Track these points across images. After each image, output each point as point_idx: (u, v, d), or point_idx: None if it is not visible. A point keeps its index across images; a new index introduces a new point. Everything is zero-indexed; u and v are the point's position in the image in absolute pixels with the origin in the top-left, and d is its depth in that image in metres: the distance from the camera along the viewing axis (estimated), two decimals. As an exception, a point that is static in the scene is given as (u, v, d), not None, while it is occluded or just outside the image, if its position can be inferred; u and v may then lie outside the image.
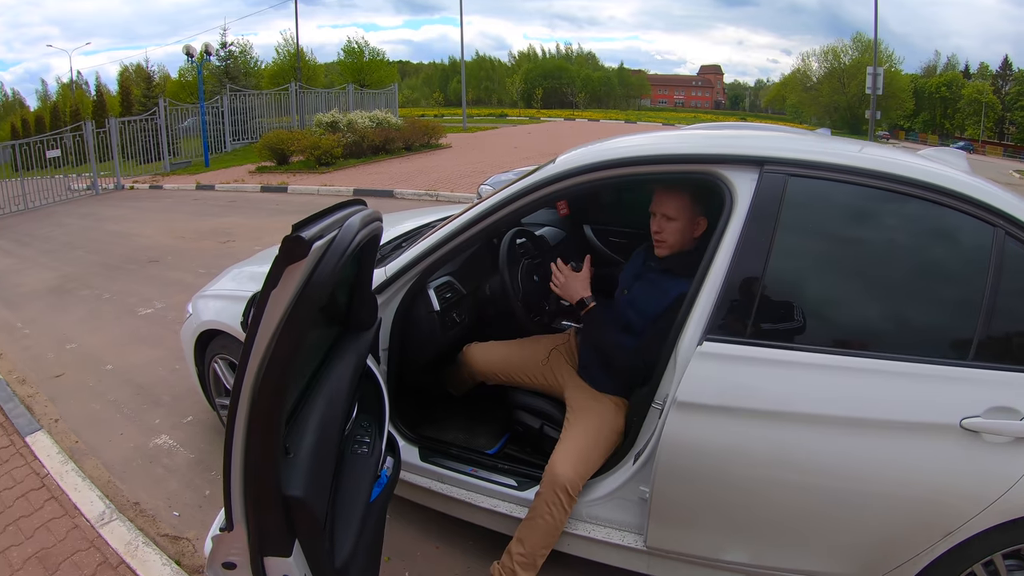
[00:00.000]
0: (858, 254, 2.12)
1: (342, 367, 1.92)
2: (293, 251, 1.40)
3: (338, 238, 1.56)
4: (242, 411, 1.42)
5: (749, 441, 2.03)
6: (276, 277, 1.41)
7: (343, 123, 19.50)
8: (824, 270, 2.14)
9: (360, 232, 1.66)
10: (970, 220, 2.01)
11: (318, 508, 1.58)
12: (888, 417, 1.95)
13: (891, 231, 2.12)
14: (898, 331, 2.06)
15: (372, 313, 2.25)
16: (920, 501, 1.94)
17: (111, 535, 2.91)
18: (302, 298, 1.42)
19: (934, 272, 2.06)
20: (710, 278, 2.14)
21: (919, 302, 2.06)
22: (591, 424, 2.50)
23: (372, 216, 1.85)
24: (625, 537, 2.38)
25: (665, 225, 2.48)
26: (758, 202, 2.12)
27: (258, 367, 1.39)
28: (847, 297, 2.12)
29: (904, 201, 2.05)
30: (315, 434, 1.64)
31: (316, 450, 1.62)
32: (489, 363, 2.94)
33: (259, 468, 1.44)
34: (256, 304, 1.43)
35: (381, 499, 2.07)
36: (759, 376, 2.04)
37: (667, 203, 2.47)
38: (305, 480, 1.53)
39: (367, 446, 2.02)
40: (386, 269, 2.66)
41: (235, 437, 1.43)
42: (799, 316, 2.11)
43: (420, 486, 2.76)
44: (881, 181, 2.07)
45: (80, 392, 4.52)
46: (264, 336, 1.40)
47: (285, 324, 1.40)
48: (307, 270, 1.43)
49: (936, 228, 2.07)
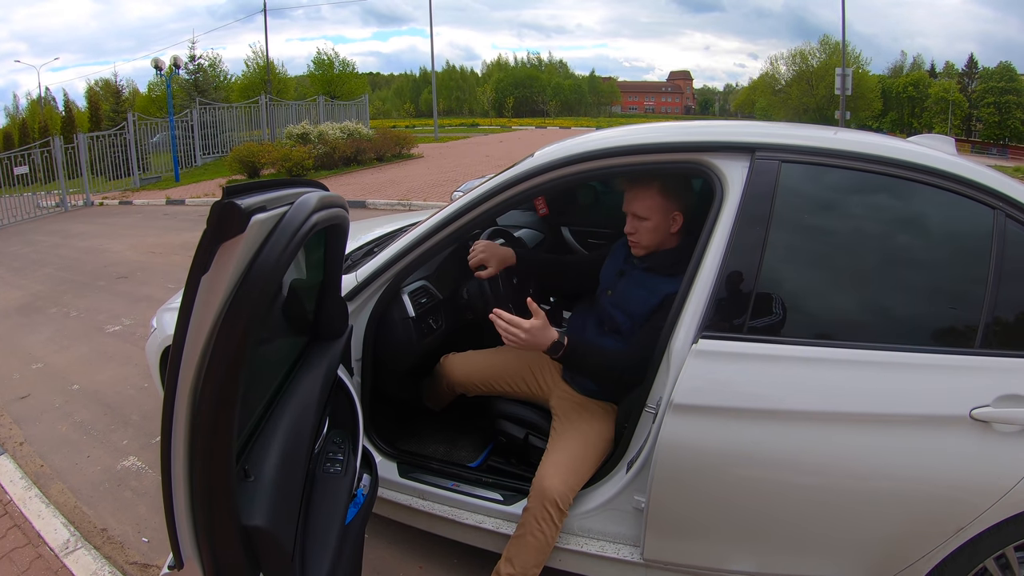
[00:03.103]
0: (857, 241, 2.03)
1: (310, 380, 1.76)
2: (225, 222, 1.14)
3: (289, 215, 1.32)
4: (179, 428, 1.18)
5: (751, 443, 1.92)
6: (207, 257, 1.14)
7: (313, 135, 19.25)
8: (823, 259, 2.04)
9: (317, 213, 1.43)
10: (970, 204, 1.94)
11: (285, 537, 1.38)
12: (897, 411, 1.86)
13: (891, 217, 2.04)
14: (903, 321, 1.97)
15: (342, 321, 2.11)
16: (931, 497, 1.86)
17: (76, 564, 2.76)
18: (247, 288, 1.17)
19: (936, 258, 1.99)
20: (703, 272, 2.02)
21: (922, 290, 1.98)
22: (579, 432, 2.37)
23: (333, 200, 1.65)
24: (620, 550, 2.25)
25: (638, 225, 2.35)
26: (751, 190, 2.01)
27: (195, 373, 1.15)
28: (848, 287, 2.02)
29: (903, 186, 1.98)
30: (280, 454, 1.45)
31: (281, 472, 1.43)
32: (468, 373, 2.77)
33: (210, 495, 1.20)
34: (184, 292, 1.17)
35: (358, 520, 1.91)
36: (759, 374, 1.93)
37: (637, 202, 2.34)
38: (269, 507, 1.34)
39: (340, 464, 1.85)
40: (357, 274, 2.51)
41: (173, 459, 1.20)
42: (800, 308, 2.01)
43: (400, 503, 2.60)
44: (878, 165, 1.99)
45: (46, 413, 4.35)
46: (198, 333, 1.15)
47: (226, 318, 1.15)
48: (249, 250, 1.19)
49: (937, 213, 2.00)
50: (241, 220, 1.14)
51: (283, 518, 1.39)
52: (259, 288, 1.19)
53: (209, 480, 1.19)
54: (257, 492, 1.34)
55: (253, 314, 1.18)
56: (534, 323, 2.21)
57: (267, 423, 1.53)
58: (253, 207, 1.18)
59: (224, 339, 1.15)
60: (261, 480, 1.36)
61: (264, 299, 1.21)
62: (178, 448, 1.19)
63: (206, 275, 1.14)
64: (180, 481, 1.21)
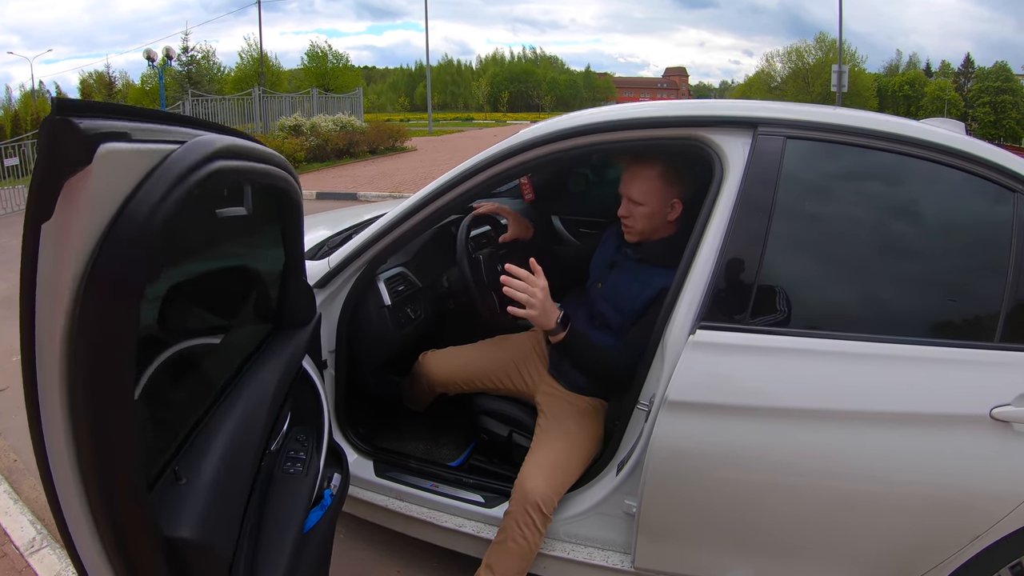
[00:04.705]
0: (869, 225, 1.87)
1: (266, 372, 1.58)
2: (61, 147, 0.82)
3: (178, 153, 1.00)
4: (56, 438, 0.92)
5: (752, 443, 1.76)
6: (45, 197, 0.83)
7: (306, 127, 19.12)
8: (832, 244, 1.88)
9: (225, 161, 1.12)
10: (990, 186, 1.78)
11: (222, 547, 1.20)
12: (912, 409, 1.71)
13: (904, 199, 1.89)
14: (916, 312, 1.82)
15: (307, 308, 1.94)
16: (946, 502, 1.72)
17: (40, 564, 2.62)
18: (115, 246, 0.87)
19: (954, 245, 1.84)
20: (700, 256, 1.86)
21: (938, 278, 1.83)
22: (566, 430, 2.21)
23: (259, 153, 1.37)
24: (609, 557, 2.09)
25: (633, 210, 2.16)
26: (753, 168, 1.84)
27: (62, 361, 0.88)
28: (858, 275, 1.86)
29: (917, 165, 1.82)
30: (222, 454, 1.26)
31: (223, 474, 1.23)
32: (449, 372, 2.59)
33: (116, 501, 0.95)
34: (22, 247, 0.86)
35: (324, 525, 1.75)
36: (763, 368, 1.77)
37: (634, 185, 2.15)
38: (201, 514, 1.13)
39: (302, 463, 1.68)
40: (329, 260, 2.33)
41: (50, 450, 0.94)
42: (808, 298, 1.86)
43: (376, 504, 2.44)
44: (891, 144, 1.82)
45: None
46: (53, 305, 0.86)
47: (89, 287, 0.86)
48: (110, 193, 0.88)
49: (954, 196, 1.86)
50: (80, 146, 0.82)
51: (220, 526, 1.20)
52: (132, 247, 0.89)
53: (111, 485, 0.95)
54: (189, 497, 1.14)
55: (131, 283, 0.89)
56: (545, 285, 2.02)
57: (210, 419, 1.35)
58: (103, 132, 0.86)
59: (91, 316, 0.87)
60: (195, 483, 1.17)
61: (143, 264, 0.91)
62: (61, 462, 0.94)
63: (48, 223, 0.84)
64: (70, 484, 0.95)
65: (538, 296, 1.98)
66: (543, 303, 1.99)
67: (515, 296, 1.98)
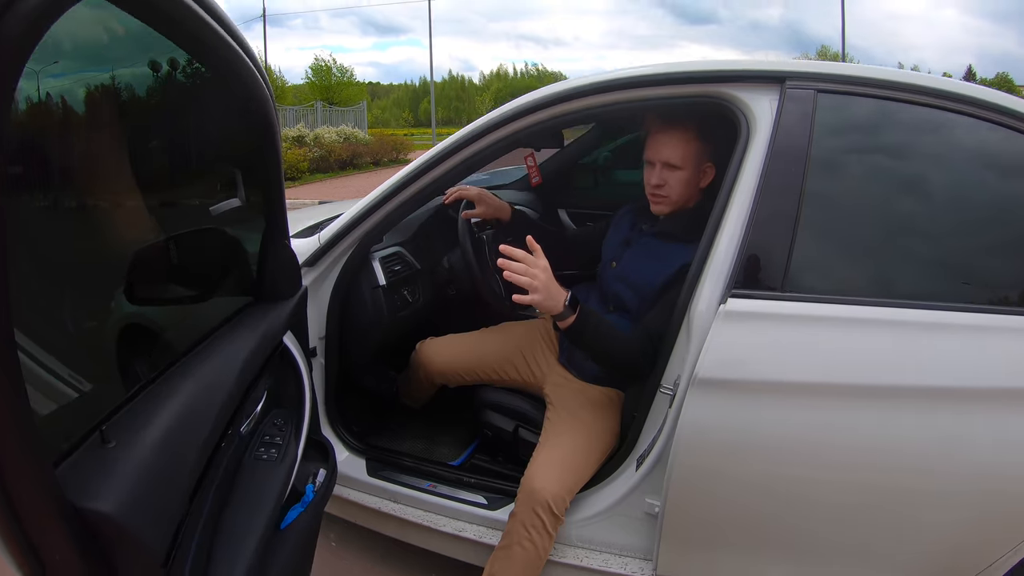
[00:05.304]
0: (917, 182, 1.68)
1: (236, 344, 1.37)
2: None
3: None
4: None
5: (794, 427, 1.55)
6: None
7: (309, 138, 19.16)
8: (868, 203, 1.67)
9: None
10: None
11: (152, 533, 0.95)
12: (976, 384, 1.49)
13: (948, 155, 1.70)
14: (976, 277, 1.61)
15: (290, 279, 1.73)
16: (1006, 494, 1.50)
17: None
18: None
19: (1013, 202, 1.63)
20: (728, 220, 1.66)
21: (999, 240, 1.62)
22: (578, 423, 2.00)
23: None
24: (628, 564, 1.88)
25: (668, 176, 1.94)
26: (784, 125, 1.65)
27: None
28: (906, 236, 1.66)
29: (958, 120, 1.64)
30: (168, 424, 1.04)
31: (165, 446, 1.01)
32: (449, 360, 2.37)
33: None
34: None
35: (304, 523, 1.53)
36: (806, 340, 1.55)
37: (668, 148, 1.93)
38: (128, 489, 0.89)
39: (276, 449, 1.46)
40: (319, 236, 2.13)
41: None
42: (849, 261, 1.65)
43: (368, 507, 2.23)
44: (928, 97, 1.64)
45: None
46: None
47: None
48: None
49: (1006, 153, 1.65)
50: None
51: (155, 505, 0.97)
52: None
53: None
54: (115, 465, 0.91)
55: None
56: (547, 265, 1.78)
57: (161, 384, 1.14)
58: None
59: None
60: (127, 450, 0.94)
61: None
62: None
63: None
64: None
65: (540, 277, 1.74)
66: (546, 285, 1.75)
67: (515, 280, 1.74)
